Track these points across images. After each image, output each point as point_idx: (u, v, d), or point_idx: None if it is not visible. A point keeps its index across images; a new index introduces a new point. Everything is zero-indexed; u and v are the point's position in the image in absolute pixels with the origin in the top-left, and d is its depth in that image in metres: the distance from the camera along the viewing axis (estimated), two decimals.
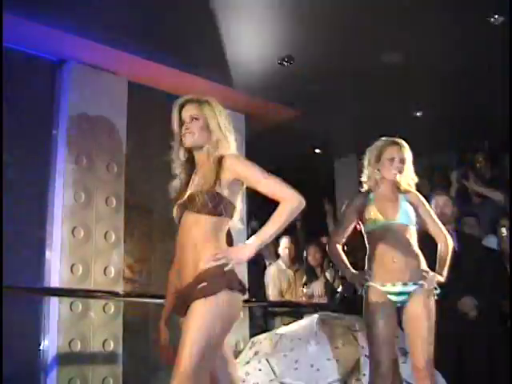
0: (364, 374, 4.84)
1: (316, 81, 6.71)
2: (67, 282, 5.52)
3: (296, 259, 7.54)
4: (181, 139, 3.26)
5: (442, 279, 4.17)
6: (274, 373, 4.98)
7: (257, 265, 7.59)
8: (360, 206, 4.32)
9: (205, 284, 2.96)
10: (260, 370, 5.04)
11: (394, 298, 4.11)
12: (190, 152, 3.31)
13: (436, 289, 4.13)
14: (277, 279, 7.35)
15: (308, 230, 8.20)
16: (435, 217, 4.41)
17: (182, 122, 3.26)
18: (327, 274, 7.10)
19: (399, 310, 4.17)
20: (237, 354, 5.62)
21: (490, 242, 6.44)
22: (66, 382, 5.29)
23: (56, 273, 5.55)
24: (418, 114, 7.65)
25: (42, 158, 5.84)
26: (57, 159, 5.86)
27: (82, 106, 5.99)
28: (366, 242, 4.30)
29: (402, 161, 4.26)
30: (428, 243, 4.35)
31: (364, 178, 4.43)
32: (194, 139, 3.23)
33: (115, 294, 5.71)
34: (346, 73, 6.57)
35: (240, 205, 3.29)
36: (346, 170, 9.19)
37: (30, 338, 5.39)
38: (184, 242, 3.11)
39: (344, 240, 4.44)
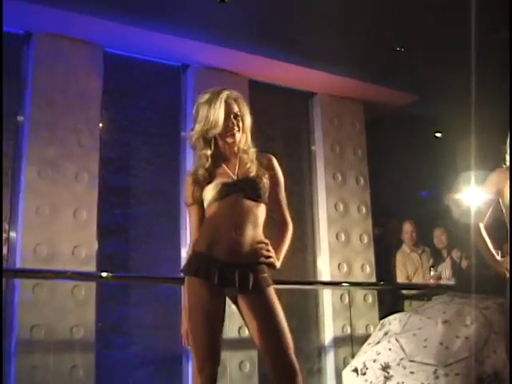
0: (494, 351, 4.85)
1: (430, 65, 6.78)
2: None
3: (419, 242, 7.58)
4: (224, 132, 3.31)
5: None
6: (404, 351, 5.06)
7: (385, 249, 7.72)
8: (500, 182, 4.26)
9: (267, 275, 3.21)
10: (390, 349, 5.14)
11: None
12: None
13: None
14: (402, 264, 7.42)
15: (432, 213, 8.20)
16: None
17: (226, 116, 3.30)
18: (453, 256, 7.12)
19: None
20: (367, 337, 5.81)
21: None
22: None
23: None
24: None
25: None
26: None
27: None
28: (506, 220, 4.24)
29: None
30: None
31: (507, 158, 4.32)
32: (239, 136, 3.34)
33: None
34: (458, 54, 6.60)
35: None
36: (467, 151, 9.11)
37: None
38: (241, 223, 3.21)
39: (486, 219, 4.39)
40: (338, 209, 7.22)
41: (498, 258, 4.30)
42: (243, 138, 3.37)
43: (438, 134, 9.10)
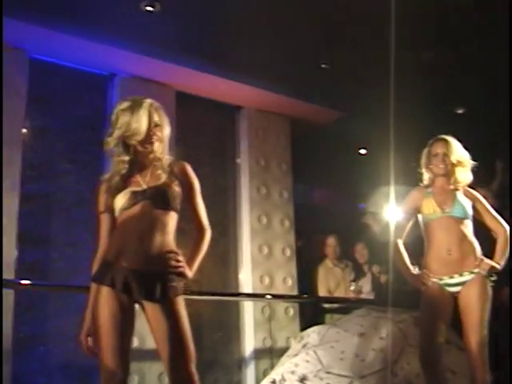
0: (408, 363, 4.97)
1: (355, 82, 6.92)
2: None
3: (342, 257, 7.67)
4: (144, 140, 3.30)
5: (498, 267, 4.24)
6: (321, 363, 5.15)
7: (307, 263, 7.80)
8: (418, 201, 4.45)
9: (175, 285, 3.20)
10: (308, 361, 5.22)
11: (451, 289, 4.25)
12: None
13: (492, 276, 4.24)
14: (324, 278, 7.50)
15: (354, 227, 8.33)
16: (492, 210, 4.48)
17: (148, 124, 3.30)
18: (373, 270, 7.25)
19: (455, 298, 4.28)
20: (287, 349, 5.88)
21: None
22: None
23: None
24: (460, 111, 7.77)
25: None
26: None
27: None
28: (424, 235, 4.43)
29: (446, 155, 4.38)
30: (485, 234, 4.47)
31: (423, 177, 4.56)
32: (157, 145, 3.34)
33: None
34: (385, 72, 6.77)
35: None
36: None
37: None
38: (142, 230, 3.20)
39: (404, 235, 4.55)
40: (262, 221, 7.28)
41: (415, 272, 4.41)
42: (161, 147, 3.36)
43: (363, 151, 9.26)
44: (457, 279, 4.23)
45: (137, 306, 3.21)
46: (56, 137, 6.22)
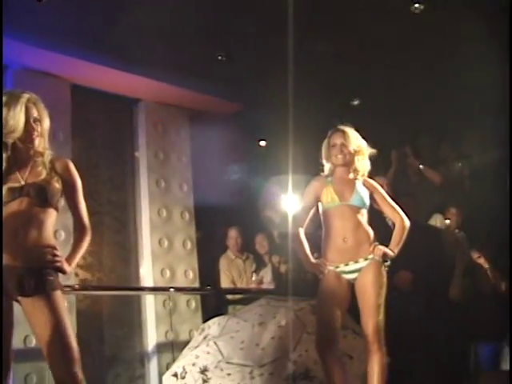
0: (306, 350, 5.05)
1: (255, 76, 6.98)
2: None
3: (244, 249, 7.72)
4: (23, 136, 3.23)
5: (391, 253, 4.36)
6: (222, 354, 5.18)
7: (209, 255, 7.81)
8: (319, 189, 4.51)
9: (52, 279, 3.17)
10: (208, 352, 5.24)
11: (347, 276, 4.34)
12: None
13: (386, 261, 4.35)
14: (227, 270, 7.52)
15: (254, 219, 8.39)
16: (390, 200, 4.60)
17: (26, 120, 3.23)
18: (273, 261, 7.32)
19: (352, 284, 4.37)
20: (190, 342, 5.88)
21: (436, 219, 6.85)
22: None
23: None
24: (356, 102, 7.94)
25: None
26: None
27: None
28: (323, 223, 4.50)
29: (344, 145, 4.46)
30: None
31: (324, 167, 4.62)
32: (38, 141, 3.30)
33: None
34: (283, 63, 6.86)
35: None
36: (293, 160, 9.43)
37: None
38: (17, 226, 3.15)
39: (305, 224, 4.59)
40: (161, 215, 7.24)
41: (313, 260, 4.47)
42: (41, 141, 3.31)
43: (263, 143, 9.33)
44: (352, 266, 4.32)
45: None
46: None
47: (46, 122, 3.33)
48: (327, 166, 4.59)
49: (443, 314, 5.67)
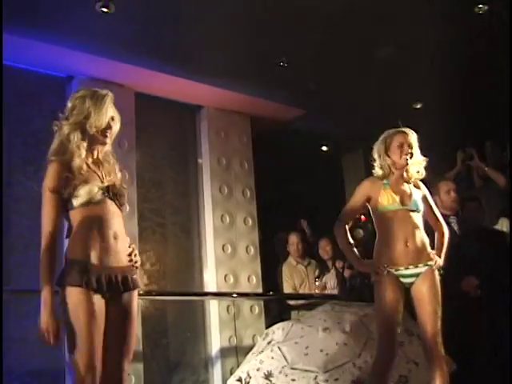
0: (372, 356, 5.00)
1: (316, 79, 6.97)
2: None
3: (305, 254, 7.70)
4: (100, 132, 3.33)
5: (441, 263, 4.34)
6: (286, 359, 5.17)
7: (272, 260, 7.82)
8: (370, 190, 4.48)
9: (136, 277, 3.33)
10: (273, 357, 5.23)
11: (405, 280, 4.29)
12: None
13: (440, 270, 4.32)
14: (289, 276, 7.51)
15: (316, 225, 8.38)
16: (435, 207, 4.60)
17: (109, 117, 3.36)
18: (337, 266, 7.29)
19: (407, 289, 4.33)
20: (253, 347, 5.89)
21: (502, 223, 6.73)
22: None
23: None
24: (419, 105, 7.87)
25: None
26: None
27: None
28: (377, 226, 4.46)
29: (410, 146, 4.42)
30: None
31: (377, 169, 4.55)
32: (109, 140, 3.42)
33: None
34: (343, 69, 6.84)
35: None
36: (353, 166, 9.45)
37: None
38: (117, 229, 3.29)
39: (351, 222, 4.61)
40: (225, 221, 7.29)
41: (364, 261, 4.48)
42: (111, 141, 3.44)
43: (324, 148, 9.32)
44: (412, 270, 4.26)
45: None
46: (14, 140, 6.16)
47: (118, 125, 3.42)
48: (383, 166, 4.51)
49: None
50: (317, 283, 7.30)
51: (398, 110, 7.54)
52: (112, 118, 3.35)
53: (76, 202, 3.19)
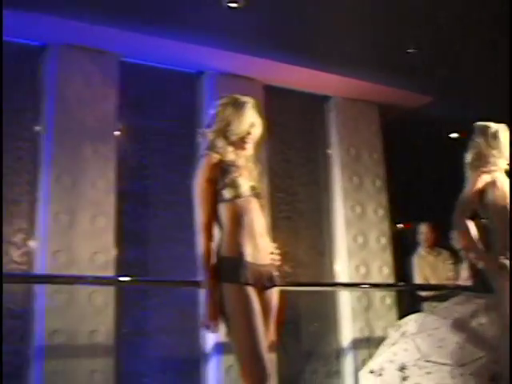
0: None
1: (445, 66, 6.82)
2: None
3: (436, 244, 7.58)
4: (241, 139, 3.47)
5: None
6: (420, 351, 5.10)
7: (402, 251, 7.74)
8: (486, 181, 4.47)
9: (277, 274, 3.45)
10: (406, 349, 5.17)
11: None
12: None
13: None
14: (419, 267, 7.42)
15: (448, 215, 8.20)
16: None
17: (250, 125, 3.47)
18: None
19: None
20: (385, 338, 5.85)
21: None
22: None
23: None
24: None
25: None
26: None
27: None
28: (497, 218, 4.42)
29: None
30: None
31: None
32: (250, 147, 3.53)
33: None
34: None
35: None
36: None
37: None
38: (262, 227, 3.39)
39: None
40: (355, 211, 7.27)
41: (490, 255, 4.46)
42: (253, 147, 3.54)
43: (454, 135, 9.09)
44: None
45: None
46: (149, 137, 6.37)
47: (259, 130, 3.51)
48: (498, 160, 4.49)
49: None
50: (449, 274, 7.16)
51: None
52: (252, 125, 3.45)
53: (229, 194, 3.31)
